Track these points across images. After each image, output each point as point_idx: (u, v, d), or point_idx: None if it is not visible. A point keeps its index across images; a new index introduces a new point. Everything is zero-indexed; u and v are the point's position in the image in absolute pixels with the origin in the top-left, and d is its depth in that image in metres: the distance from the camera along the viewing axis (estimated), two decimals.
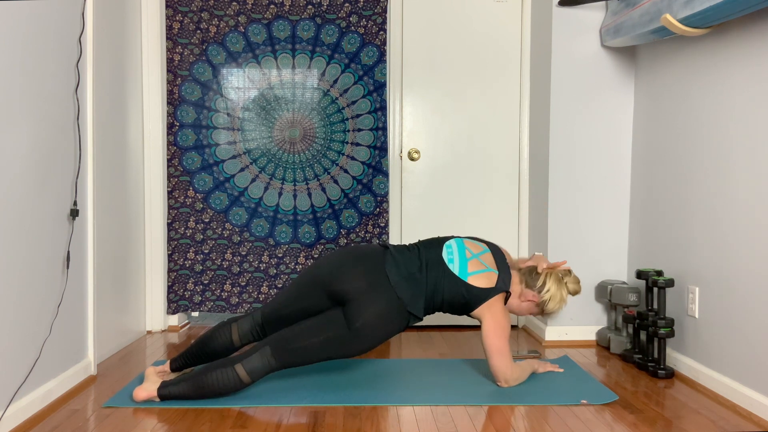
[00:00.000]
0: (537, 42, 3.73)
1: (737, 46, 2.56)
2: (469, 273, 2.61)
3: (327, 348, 2.47)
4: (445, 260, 2.63)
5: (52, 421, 2.31)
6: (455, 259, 2.64)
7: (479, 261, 2.66)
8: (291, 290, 2.65)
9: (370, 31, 3.83)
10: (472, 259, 2.65)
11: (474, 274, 2.61)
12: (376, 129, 3.86)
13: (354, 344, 2.48)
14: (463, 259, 2.64)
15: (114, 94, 3.24)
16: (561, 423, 2.30)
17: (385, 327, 2.50)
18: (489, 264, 2.66)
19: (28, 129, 2.34)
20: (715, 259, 2.69)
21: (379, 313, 2.48)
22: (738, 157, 2.55)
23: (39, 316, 2.43)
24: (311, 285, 2.60)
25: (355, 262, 2.58)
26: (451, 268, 2.61)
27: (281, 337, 2.48)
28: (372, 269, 2.55)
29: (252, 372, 2.44)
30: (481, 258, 2.67)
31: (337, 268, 2.57)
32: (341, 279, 2.53)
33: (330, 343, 2.47)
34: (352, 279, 2.52)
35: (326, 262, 2.62)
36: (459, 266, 2.62)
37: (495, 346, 2.61)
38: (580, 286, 2.76)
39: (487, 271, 2.64)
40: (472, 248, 2.70)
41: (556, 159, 3.49)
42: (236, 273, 3.86)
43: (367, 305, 2.47)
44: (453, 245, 2.69)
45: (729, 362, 2.60)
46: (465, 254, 2.66)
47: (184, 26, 3.77)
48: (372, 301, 2.48)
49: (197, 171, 3.83)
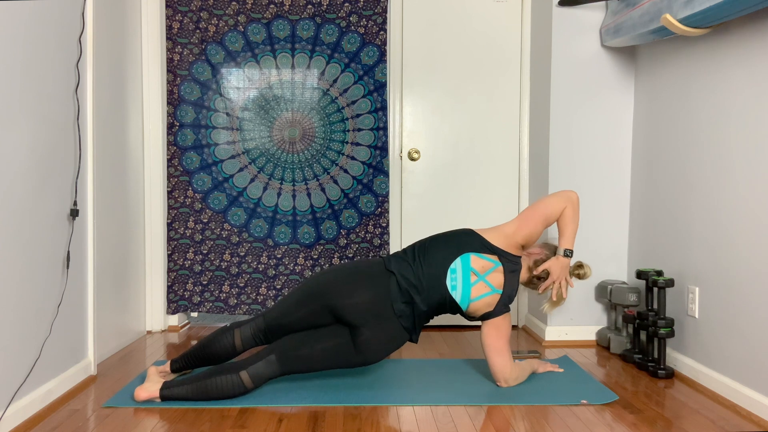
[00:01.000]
0: (537, 42, 3.73)
1: (737, 46, 2.56)
2: (471, 300, 2.60)
3: (331, 359, 2.53)
4: (447, 287, 2.59)
5: (52, 421, 2.31)
6: (458, 286, 2.59)
7: (485, 283, 2.60)
8: (293, 299, 2.64)
9: (371, 30, 3.83)
10: (477, 284, 2.60)
11: (476, 300, 2.60)
12: (377, 129, 3.85)
13: (358, 358, 2.54)
14: (466, 285, 2.59)
15: (114, 94, 3.23)
16: (561, 423, 2.30)
17: (387, 347, 2.57)
18: (495, 284, 2.60)
19: (28, 129, 2.33)
20: (715, 259, 2.69)
21: (383, 338, 2.54)
22: (738, 157, 2.55)
23: (39, 316, 2.42)
24: (312, 297, 2.60)
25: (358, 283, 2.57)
26: (454, 296, 2.60)
27: (287, 346, 2.52)
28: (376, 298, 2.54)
29: (256, 378, 2.48)
30: (488, 279, 2.61)
31: (339, 286, 2.57)
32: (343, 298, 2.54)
33: (334, 355, 2.53)
34: (355, 303, 2.53)
35: (328, 277, 2.62)
36: (462, 294, 2.59)
37: (495, 347, 2.61)
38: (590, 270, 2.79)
39: (491, 294, 2.60)
40: (479, 267, 2.61)
41: (556, 159, 3.49)
42: (234, 274, 3.85)
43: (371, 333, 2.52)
44: (458, 268, 2.60)
45: (729, 362, 2.60)
46: (470, 278, 2.60)
47: (184, 26, 3.77)
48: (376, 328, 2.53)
49: (196, 171, 3.82)
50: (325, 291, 2.57)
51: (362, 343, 2.51)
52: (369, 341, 2.51)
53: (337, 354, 2.52)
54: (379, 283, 2.56)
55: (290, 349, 2.51)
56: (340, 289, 2.55)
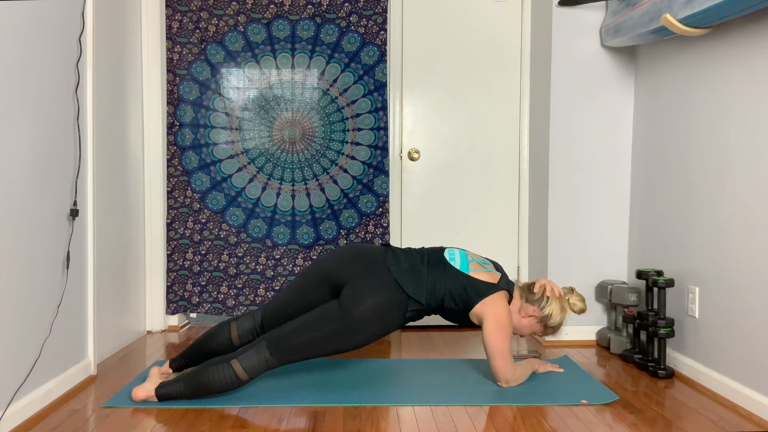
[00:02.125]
0: (537, 42, 3.73)
1: (737, 46, 2.56)
2: (471, 269, 2.64)
3: (325, 343, 2.45)
4: (446, 258, 2.66)
5: (52, 421, 2.31)
6: (456, 258, 2.67)
7: (480, 263, 2.69)
8: (292, 288, 2.65)
9: (371, 30, 3.83)
10: (473, 262, 2.69)
11: (476, 270, 2.64)
12: (377, 129, 3.85)
13: (349, 337, 2.45)
14: (464, 260, 2.67)
15: (114, 94, 3.23)
16: (561, 423, 2.30)
17: (381, 320, 2.47)
18: (492, 270, 2.70)
19: (28, 129, 2.33)
20: (715, 259, 2.69)
21: (376, 303, 2.46)
22: (738, 157, 2.55)
23: (39, 316, 2.42)
24: (312, 280, 2.60)
25: (357, 255, 2.61)
26: (453, 264, 2.63)
27: (277, 333, 2.47)
28: (373, 260, 2.57)
29: (249, 368, 2.42)
30: (483, 264, 2.71)
31: (338, 261, 2.60)
32: (342, 269, 2.56)
33: (328, 339, 2.45)
34: (352, 268, 2.54)
35: (327, 257, 2.66)
36: (460, 264, 2.65)
37: (496, 347, 2.60)
38: (585, 305, 2.75)
39: (490, 271, 2.67)
40: (475, 257, 2.74)
41: (556, 159, 3.49)
42: (233, 275, 3.84)
43: (364, 293, 2.46)
44: (455, 250, 2.73)
45: (729, 362, 2.60)
46: (467, 257, 2.70)
47: (183, 25, 3.77)
48: (370, 288, 2.47)
49: (194, 170, 3.82)
50: (324, 271, 2.60)
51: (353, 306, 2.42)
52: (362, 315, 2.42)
53: (331, 338, 2.44)
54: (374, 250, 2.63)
55: (282, 336, 2.45)
56: (336, 257, 2.61)
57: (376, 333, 2.49)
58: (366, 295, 2.46)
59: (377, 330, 2.48)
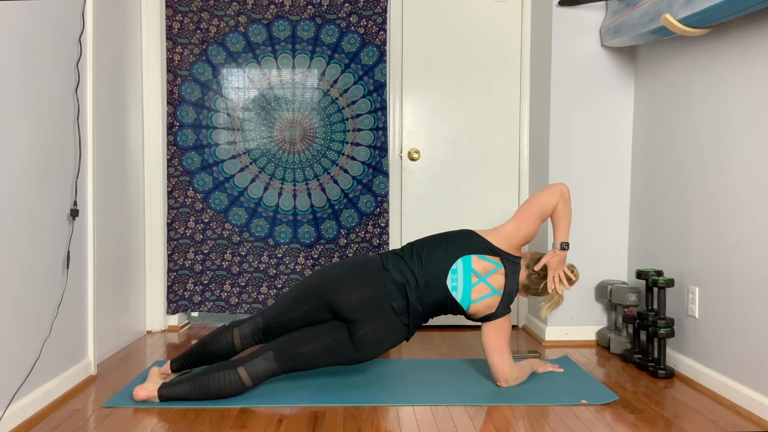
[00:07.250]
0: (537, 42, 3.73)
1: (737, 46, 2.56)
2: (472, 301, 2.60)
3: (329, 356, 2.53)
4: (448, 287, 2.59)
5: (52, 421, 2.31)
6: (459, 287, 2.59)
7: (485, 285, 2.61)
8: (291, 296, 2.65)
9: (370, 31, 3.83)
10: (477, 285, 2.60)
11: (477, 302, 2.60)
12: (377, 129, 3.86)
13: (356, 354, 2.54)
14: (467, 286, 2.59)
15: (114, 94, 3.24)
16: (561, 423, 2.30)
17: (385, 343, 2.57)
18: (496, 286, 2.61)
19: (28, 129, 2.34)
20: (715, 259, 2.69)
21: (381, 334, 2.54)
22: (738, 157, 2.55)
23: (39, 316, 2.43)
24: (311, 293, 2.60)
25: (356, 279, 2.57)
26: (455, 295, 2.60)
27: (284, 343, 2.52)
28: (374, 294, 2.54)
29: (254, 375, 2.47)
30: (488, 280, 2.61)
31: (337, 281, 2.57)
32: (341, 293, 2.54)
33: (332, 352, 2.53)
34: (353, 298, 2.52)
35: (326, 273, 2.62)
36: (462, 294, 2.60)
37: (495, 347, 2.61)
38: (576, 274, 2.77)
39: (492, 295, 2.60)
40: (481, 269, 2.62)
41: (556, 159, 3.49)
42: (236, 273, 3.86)
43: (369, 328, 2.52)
44: (459, 269, 2.61)
45: (729, 362, 2.60)
46: (471, 279, 2.60)
47: (184, 26, 3.77)
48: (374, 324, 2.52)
49: (197, 171, 3.83)
50: (322, 287, 2.58)
51: (360, 338, 2.51)
52: (367, 336, 2.51)
53: (335, 351, 2.52)
54: (376, 280, 2.56)
55: (288, 346, 2.51)
56: (337, 285, 2.56)
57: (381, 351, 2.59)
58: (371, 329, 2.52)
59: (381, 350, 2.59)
